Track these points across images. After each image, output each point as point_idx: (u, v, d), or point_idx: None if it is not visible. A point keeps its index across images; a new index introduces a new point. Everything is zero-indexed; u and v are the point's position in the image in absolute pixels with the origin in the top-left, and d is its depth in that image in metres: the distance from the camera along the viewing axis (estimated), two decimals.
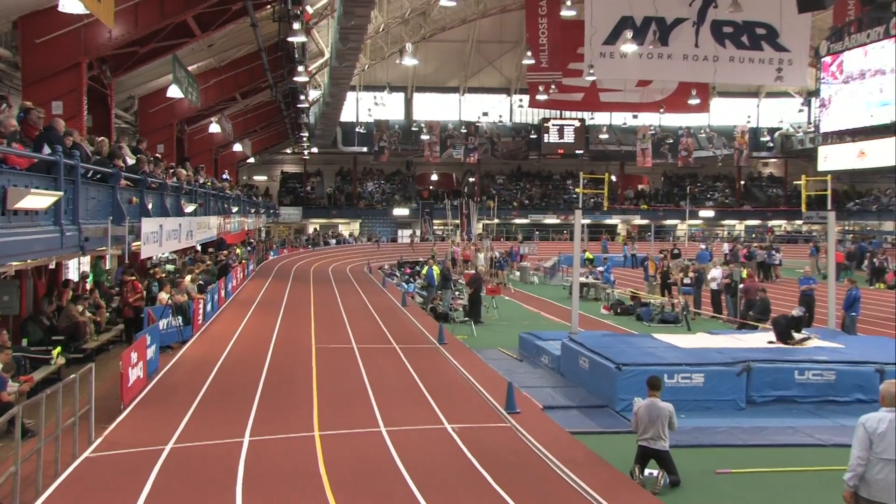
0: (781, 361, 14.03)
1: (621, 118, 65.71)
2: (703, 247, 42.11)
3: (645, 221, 65.23)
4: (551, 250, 52.53)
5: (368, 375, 14.93)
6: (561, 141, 65.95)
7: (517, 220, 65.58)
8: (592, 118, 66.47)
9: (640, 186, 71.44)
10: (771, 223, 67.35)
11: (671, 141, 65.88)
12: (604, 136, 65.44)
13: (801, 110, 65.91)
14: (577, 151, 65.81)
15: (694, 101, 41.91)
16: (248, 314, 23.45)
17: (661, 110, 46.05)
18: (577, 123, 65.84)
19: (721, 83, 45.14)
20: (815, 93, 53.95)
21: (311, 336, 19.61)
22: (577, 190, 62.74)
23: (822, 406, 13.65)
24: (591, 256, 39.49)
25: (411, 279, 37.99)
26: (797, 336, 15.89)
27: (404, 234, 62.66)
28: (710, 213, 67.12)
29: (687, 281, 26.18)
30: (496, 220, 50.62)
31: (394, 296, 28.77)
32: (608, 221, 65.90)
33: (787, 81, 26.08)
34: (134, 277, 18.36)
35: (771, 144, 68.16)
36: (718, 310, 24.98)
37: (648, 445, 9.80)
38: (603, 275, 32.18)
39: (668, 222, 66.79)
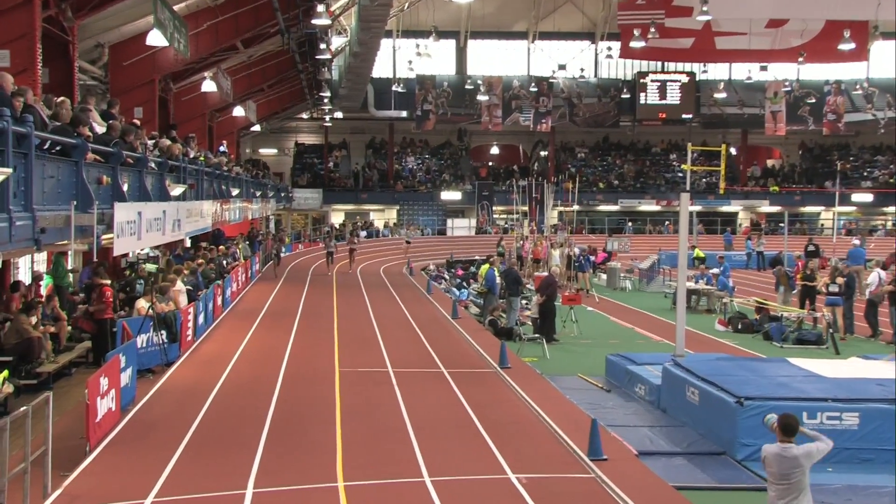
0: None
1: (744, 71, 64.79)
2: (857, 242, 41.24)
3: (776, 208, 64.31)
4: (649, 247, 52.08)
5: (408, 409, 14.93)
6: (662, 102, 65.36)
7: (603, 207, 65.16)
8: (705, 71, 65.77)
9: (769, 162, 70.44)
10: None
11: (813, 101, 64.67)
12: (720, 96, 64.56)
13: None
14: (685, 116, 65.16)
15: (847, 46, 40.87)
16: (252, 328, 23.54)
17: (800, 59, 45.24)
18: (685, 79, 65.23)
19: (887, 18, 43.75)
20: None
21: (333, 357, 19.62)
22: (683, 167, 61.98)
23: None
24: (701, 255, 39.00)
25: (464, 283, 37.94)
26: None
27: (456, 225, 62.81)
28: (866, 197, 65.39)
29: (834, 288, 25.59)
30: (576, 207, 50.15)
31: (441, 305, 28.77)
32: (725, 209, 65.17)
33: None
34: (105, 281, 18.47)
35: None
36: (876, 326, 24.43)
37: None
38: (718, 279, 31.76)
39: (808, 209, 65.70)
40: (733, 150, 65.55)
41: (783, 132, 65.72)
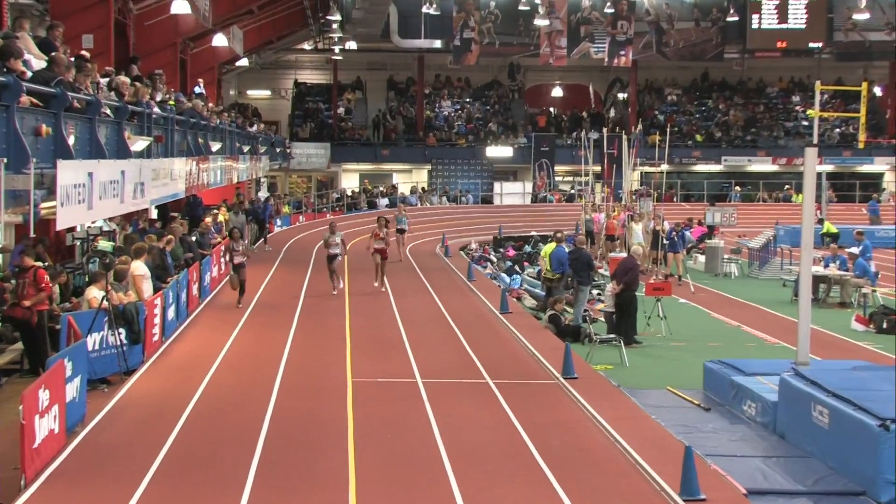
0: None
1: None
2: None
3: None
4: (762, 219, 51.65)
5: (443, 432, 14.85)
6: (782, 27, 64.85)
7: (701, 167, 64.76)
8: None
9: None
10: None
11: None
12: (861, 17, 63.69)
13: None
14: (812, 45, 64.56)
15: None
16: (239, 325, 23.54)
17: None
18: None
19: None
20: None
21: (344, 363, 19.62)
22: (809, 113, 61.40)
23: None
24: (833, 230, 38.68)
25: (516, 267, 37.80)
26: None
27: (506, 191, 62.72)
28: None
29: None
30: (665, 167, 49.59)
31: (486, 296, 28.60)
32: (867, 168, 64.57)
33: None
34: (36, 263, 18.34)
35: None
36: None
37: None
38: (856, 262, 31.46)
39: None
40: (878, 90, 64.86)
41: None
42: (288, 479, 12.81)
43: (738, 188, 63.29)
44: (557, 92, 69.43)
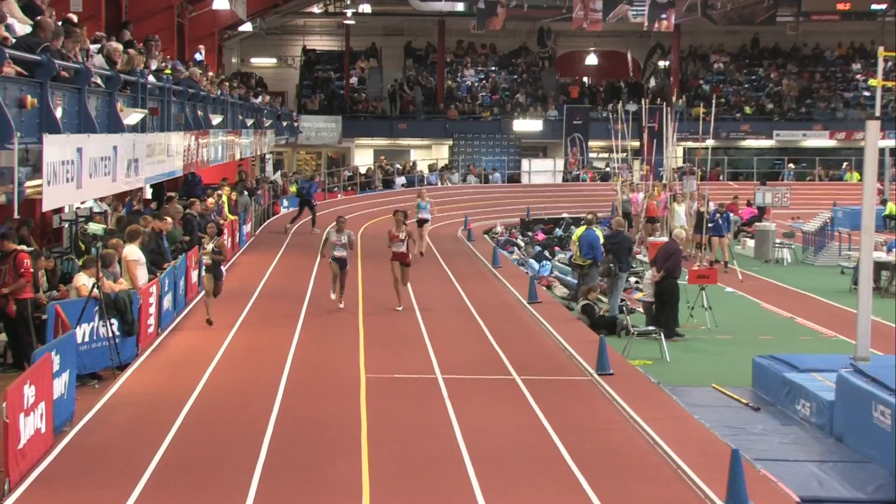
0: None
1: None
2: None
3: None
4: (818, 199, 51.57)
5: (465, 433, 14.90)
6: None
7: (751, 142, 64.53)
8: None
9: None
10: None
11: None
12: None
13: None
14: (875, 6, 64.18)
15: None
16: (241, 317, 23.62)
17: None
18: None
19: None
20: None
21: (357, 358, 19.69)
22: (871, 82, 61.13)
23: None
24: None
25: (546, 253, 37.90)
26: None
27: (535, 168, 62.60)
28: None
29: None
30: (711, 142, 49.22)
31: (513, 284, 28.72)
32: None
33: None
34: (25, 247, 18.44)
35: None
36: None
37: None
38: None
39: None
40: None
41: None
42: (295, 485, 12.80)
43: (791, 166, 63.03)
44: (592, 60, 69.35)
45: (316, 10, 65.38)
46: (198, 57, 39.75)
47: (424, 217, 35.91)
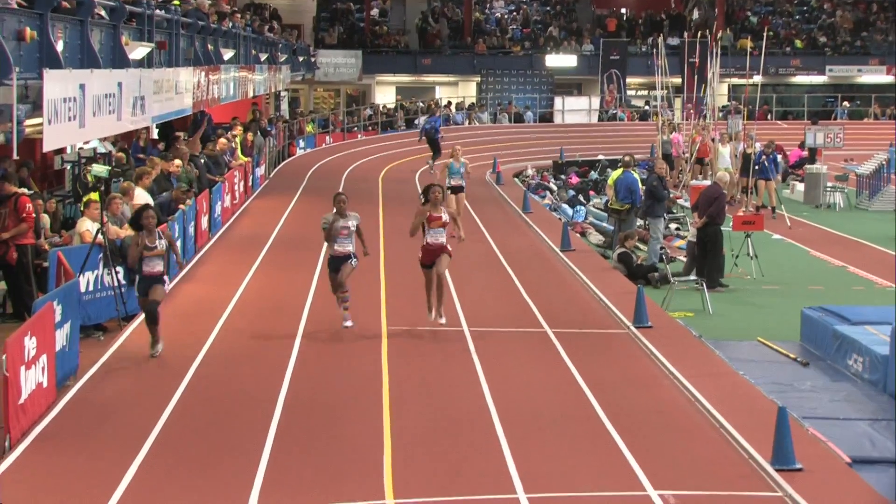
0: None
1: None
2: None
3: None
4: (873, 140, 51.67)
5: (493, 390, 14.88)
6: None
7: (801, 78, 64.34)
8: None
9: None
10: None
11: None
12: None
13: None
14: None
15: None
16: (255, 264, 23.77)
17: None
18: None
19: None
20: None
21: (379, 310, 19.79)
22: None
23: None
24: None
25: (580, 198, 38.05)
26: None
27: (569, 107, 62.22)
28: None
29: None
30: (758, 79, 49.21)
31: (545, 231, 28.79)
32: None
33: None
34: (26, 190, 18.50)
35: None
36: None
37: None
38: None
39: None
40: None
41: None
42: (311, 444, 12.92)
43: (845, 104, 63.12)
44: None
45: None
46: None
47: (459, 184, 28.29)
